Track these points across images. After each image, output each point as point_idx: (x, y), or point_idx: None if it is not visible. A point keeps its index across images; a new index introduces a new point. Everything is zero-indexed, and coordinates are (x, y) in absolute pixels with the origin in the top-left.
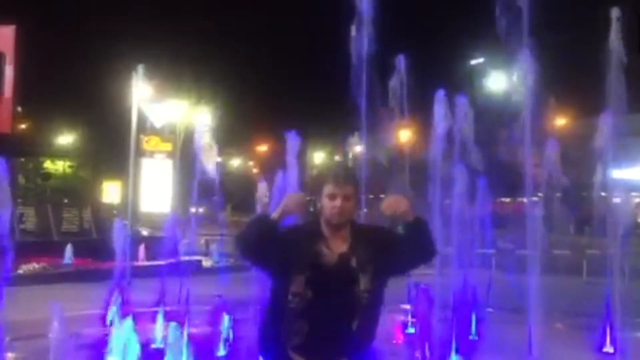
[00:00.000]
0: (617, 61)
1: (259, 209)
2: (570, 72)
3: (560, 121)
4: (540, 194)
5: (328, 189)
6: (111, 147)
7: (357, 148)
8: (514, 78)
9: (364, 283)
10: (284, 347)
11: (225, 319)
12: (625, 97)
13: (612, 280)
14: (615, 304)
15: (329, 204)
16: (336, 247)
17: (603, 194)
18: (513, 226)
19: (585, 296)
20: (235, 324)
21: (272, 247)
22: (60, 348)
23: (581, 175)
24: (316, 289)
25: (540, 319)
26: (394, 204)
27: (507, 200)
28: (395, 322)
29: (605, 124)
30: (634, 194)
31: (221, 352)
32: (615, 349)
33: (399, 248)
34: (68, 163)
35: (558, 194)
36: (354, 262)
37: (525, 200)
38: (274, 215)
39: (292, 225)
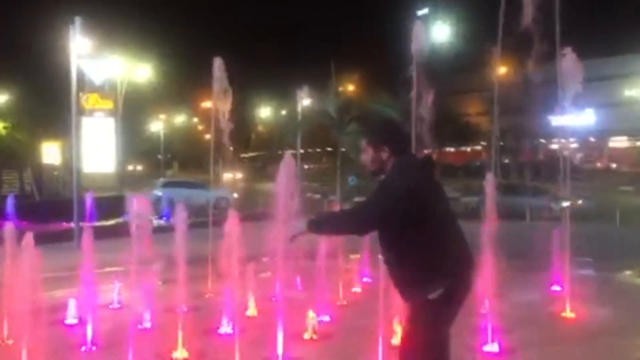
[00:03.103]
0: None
1: None
2: (512, 21)
3: (502, 70)
4: (483, 143)
5: None
6: (48, 106)
7: (305, 102)
8: (457, 29)
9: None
10: None
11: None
12: (562, 46)
13: (555, 223)
14: (559, 245)
15: None
16: None
17: (543, 140)
18: (458, 174)
19: (529, 239)
20: (190, 281)
21: None
22: (13, 312)
23: (522, 122)
24: None
25: (489, 262)
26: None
27: (452, 149)
28: (350, 272)
29: (545, 72)
30: (572, 139)
31: (179, 309)
32: (562, 286)
33: None
34: (2, 124)
35: (501, 143)
36: None
37: (469, 149)
38: None
39: None
